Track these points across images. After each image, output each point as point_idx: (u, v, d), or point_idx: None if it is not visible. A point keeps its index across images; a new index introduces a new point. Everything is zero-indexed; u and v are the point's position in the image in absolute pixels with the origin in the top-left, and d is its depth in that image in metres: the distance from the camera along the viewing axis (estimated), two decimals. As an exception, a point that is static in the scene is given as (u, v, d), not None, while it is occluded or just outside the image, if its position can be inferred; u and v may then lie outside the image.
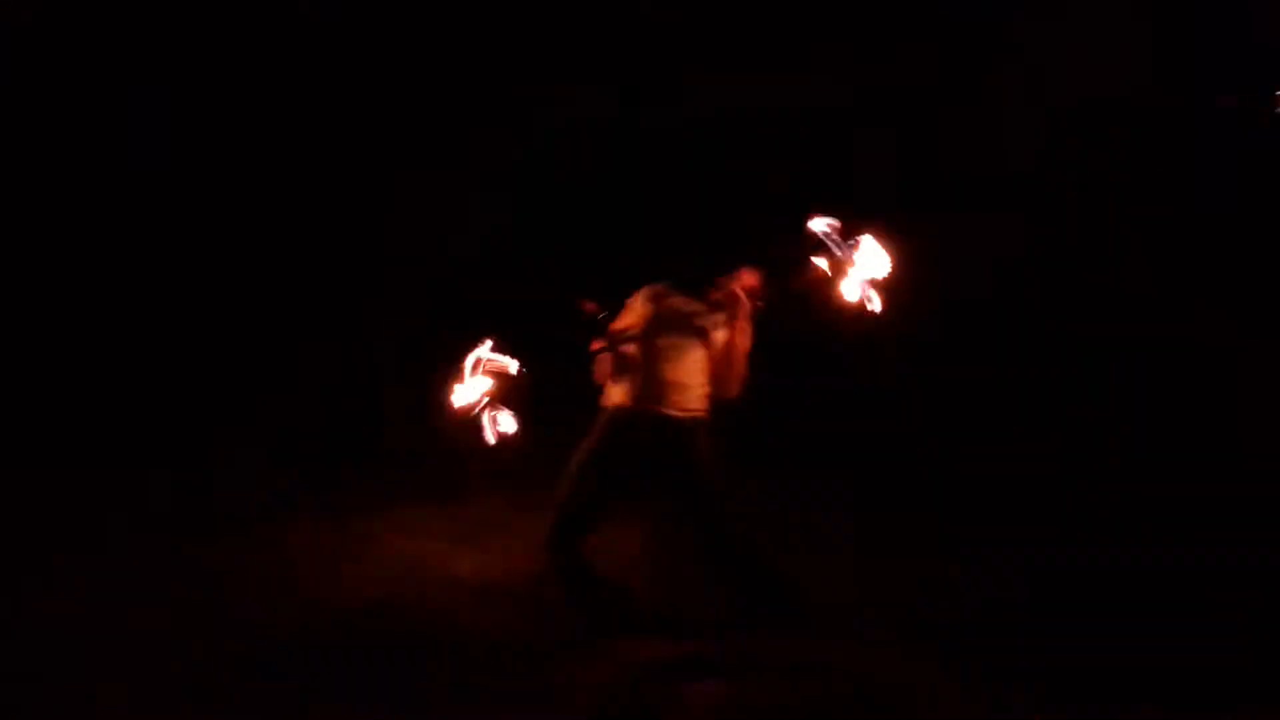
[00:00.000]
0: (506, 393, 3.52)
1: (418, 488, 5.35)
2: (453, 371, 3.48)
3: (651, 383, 3.57)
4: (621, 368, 3.63)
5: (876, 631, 3.65)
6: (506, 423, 3.49)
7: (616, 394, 3.63)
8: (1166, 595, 4.07)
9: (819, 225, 3.46)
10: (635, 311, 3.69)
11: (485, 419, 3.48)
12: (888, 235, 3.49)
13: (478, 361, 3.47)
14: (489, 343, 3.51)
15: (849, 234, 3.44)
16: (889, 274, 3.40)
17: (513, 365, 3.53)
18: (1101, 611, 3.93)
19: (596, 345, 3.60)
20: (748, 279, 3.67)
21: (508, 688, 3.13)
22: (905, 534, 4.90)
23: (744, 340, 3.61)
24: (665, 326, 3.64)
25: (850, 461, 5.83)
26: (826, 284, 3.46)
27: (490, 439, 3.49)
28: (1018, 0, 7.41)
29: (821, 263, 3.45)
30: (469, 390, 3.47)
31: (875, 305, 3.41)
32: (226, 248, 7.32)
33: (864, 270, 3.40)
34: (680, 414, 3.56)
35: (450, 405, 3.48)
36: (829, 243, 3.43)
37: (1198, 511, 4.95)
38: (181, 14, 7.05)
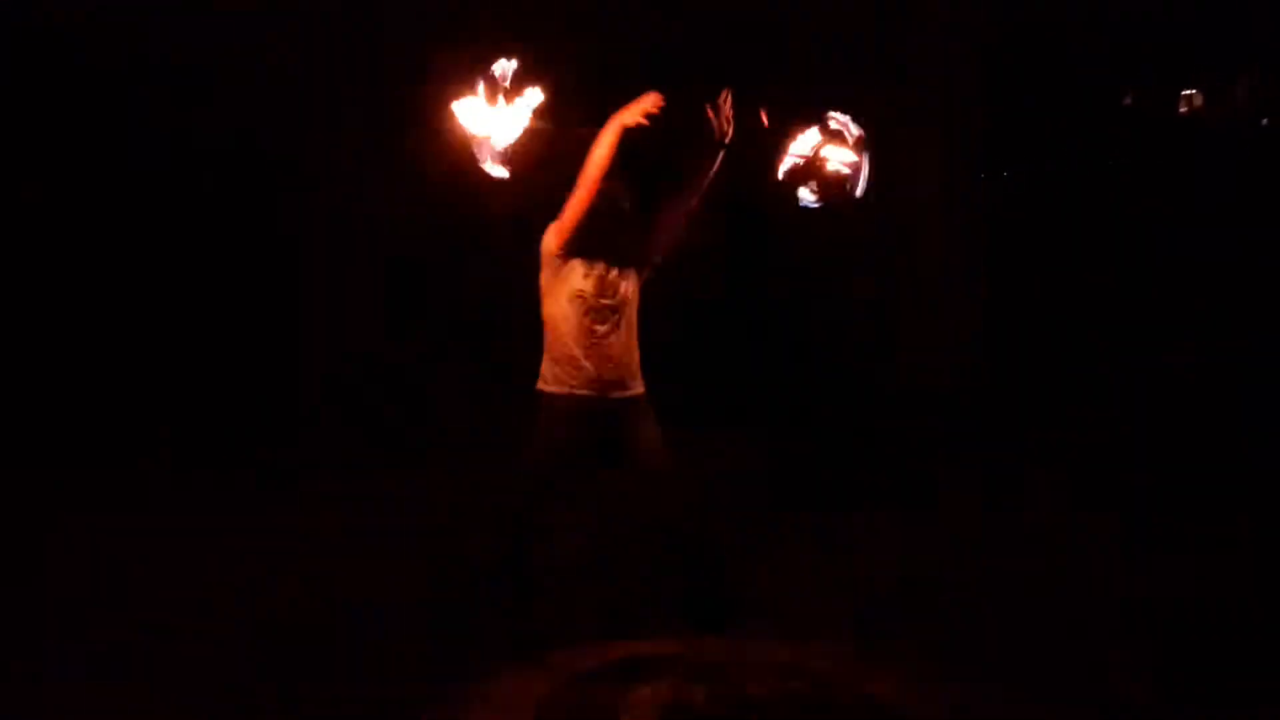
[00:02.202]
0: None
1: (346, 497, 5.29)
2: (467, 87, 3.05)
3: (599, 367, 3.38)
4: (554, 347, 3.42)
5: (827, 630, 3.59)
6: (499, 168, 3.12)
7: (557, 380, 3.39)
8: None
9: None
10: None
11: (487, 149, 3.09)
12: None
13: (498, 83, 3.02)
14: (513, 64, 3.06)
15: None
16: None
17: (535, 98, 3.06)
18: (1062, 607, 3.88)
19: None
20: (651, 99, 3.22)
21: (450, 699, 3.05)
22: (859, 530, 4.84)
23: (695, 201, 3.45)
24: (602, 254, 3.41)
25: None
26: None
27: (488, 169, 3.13)
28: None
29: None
30: (481, 116, 3.03)
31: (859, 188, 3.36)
32: (226, 247, 7.37)
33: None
34: (631, 395, 3.43)
35: (457, 120, 3.05)
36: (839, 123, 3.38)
37: (1193, 509, 4.87)
38: (181, 14, 7.08)
